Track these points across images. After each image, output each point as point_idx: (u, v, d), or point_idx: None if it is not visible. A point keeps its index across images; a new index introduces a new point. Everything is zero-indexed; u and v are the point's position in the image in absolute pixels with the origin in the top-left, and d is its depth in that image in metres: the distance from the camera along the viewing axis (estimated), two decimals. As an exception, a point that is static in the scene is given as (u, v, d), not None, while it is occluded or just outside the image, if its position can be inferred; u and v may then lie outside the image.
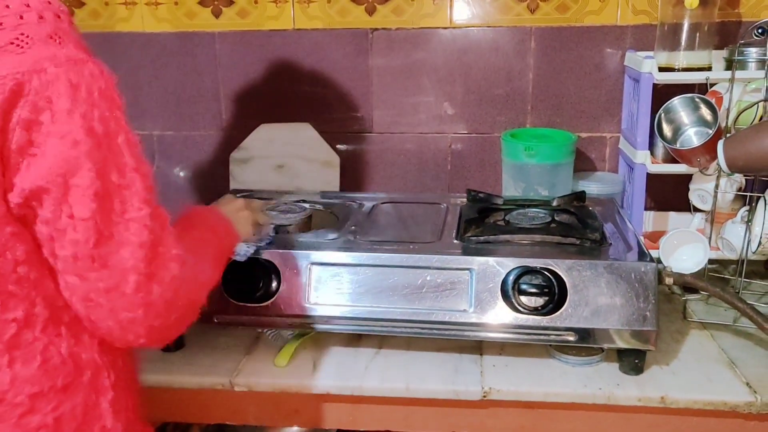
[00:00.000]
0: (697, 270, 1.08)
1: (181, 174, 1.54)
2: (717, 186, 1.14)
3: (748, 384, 0.92)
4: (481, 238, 1.02)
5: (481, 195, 1.22)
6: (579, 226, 1.08)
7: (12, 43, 0.56)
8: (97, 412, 0.67)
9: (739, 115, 1.11)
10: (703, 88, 1.19)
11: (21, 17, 0.57)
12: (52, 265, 0.61)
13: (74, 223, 0.58)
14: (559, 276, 0.92)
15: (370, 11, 1.41)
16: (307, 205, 1.20)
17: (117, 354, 0.71)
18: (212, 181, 1.51)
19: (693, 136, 1.15)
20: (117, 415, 0.69)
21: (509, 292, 0.93)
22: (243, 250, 0.94)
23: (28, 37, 0.56)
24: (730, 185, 1.16)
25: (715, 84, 1.19)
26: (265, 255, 0.98)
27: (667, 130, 1.16)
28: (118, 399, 0.70)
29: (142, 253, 0.60)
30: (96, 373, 0.67)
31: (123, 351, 0.72)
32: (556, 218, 1.11)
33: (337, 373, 0.97)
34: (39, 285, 0.62)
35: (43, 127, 0.56)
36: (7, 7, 0.57)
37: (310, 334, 1.05)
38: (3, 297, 0.60)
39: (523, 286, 0.92)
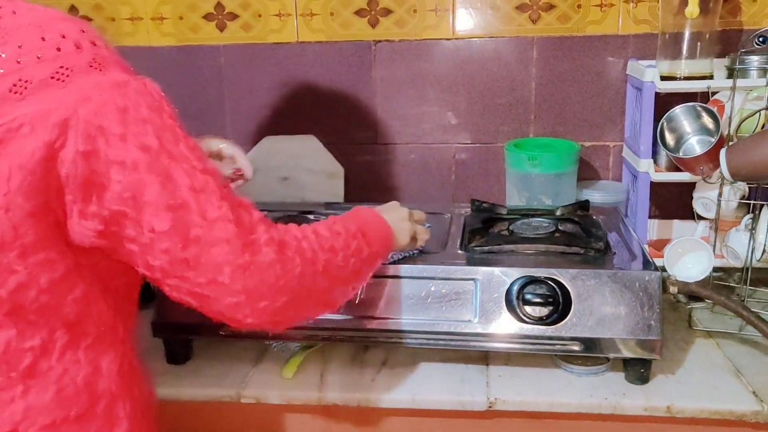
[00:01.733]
0: (701, 278, 1.08)
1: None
2: (720, 194, 1.14)
3: (754, 393, 0.92)
4: (486, 248, 1.02)
5: (485, 205, 1.22)
6: (583, 235, 1.08)
7: (53, 78, 0.55)
8: None
9: (741, 124, 1.11)
10: (705, 97, 1.19)
11: (59, 49, 0.56)
12: (149, 276, 0.63)
13: (158, 236, 0.59)
14: (564, 285, 0.92)
15: (373, 23, 1.42)
16: (311, 217, 1.21)
17: (134, 383, 0.70)
18: (217, 193, 1.52)
19: (695, 145, 1.15)
20: None
21: (514, 302, 0.93)
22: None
23: (68, 69, 0.56)
24: (734, 193, 1.16)
25: (716, 92, 1.19)
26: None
27: (669, 138, 1.16)
28: (132, 430, 0.68)
29: (231, 246, 0.62)
30: (111, 403, 0.66)
31: (140, 380, 0.71)
32: (560, 227, 1.11)
33: (344, 384, 0.97)
34: (60, 311, 0.61)
35: (101, 154, 0.56)
36: (43, 39, 0.56)
37: (316, 346, 1.05)
38: (22, 327, 0.59)
39: (528, 296, 0.92)
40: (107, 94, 0.56)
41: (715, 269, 1.14)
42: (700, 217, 1.24)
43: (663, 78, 1.20)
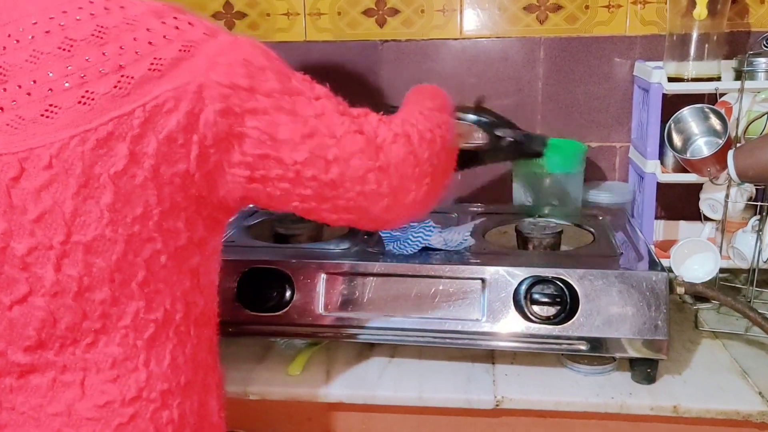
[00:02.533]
0: (708, 279, 1.08)
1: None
2: (727, 195, 1.14)
3: (760, 393, 0.92)
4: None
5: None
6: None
7: (181, 51, 0.59)
8: (207, 409, 0.70)
9: (748, 125, 1.11)
10: (712, 98, 1.20)
11: (177, 27, 0.60)
12: (306, 208, 0.68)
13: (302, 166, 0.64)
14: (571, 285, 0.92)
15: (381, 23, 1.43)
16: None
17: (217, 356, 0.75)
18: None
19: (703, 146, 1.15)
20: (220, 412, 0.73)
21: (521, 301, 0.93)
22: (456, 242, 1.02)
23: (192, 41, 0.60)
24: (741, 195, 1.16)
25: (724, 94, 1.19)
26: (279, 264, 0.99)
27: (677, 139, 1.16)
28: (219, 397, 0.73)
29: (367, 154, 0.67)
30: (206, 373, 0.70)
31: (219, 354, 0.76)
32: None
33: (350, 381, 0.98)
34: (179, 280, 0.64)
35: (236, 109, 0.60)
36: (163, 23, 0.60)
37: (322, 343, 1.05)
38: (150, 297, 0.62)
39: (535, 296, 0.93)
40: (229, 55, 0.61)
41: (722, 270, 1.14)
42: (707, 218, 1.24)
43: (670, 79, 1.20)
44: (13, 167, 0.55)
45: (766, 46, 1.22)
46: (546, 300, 0.92)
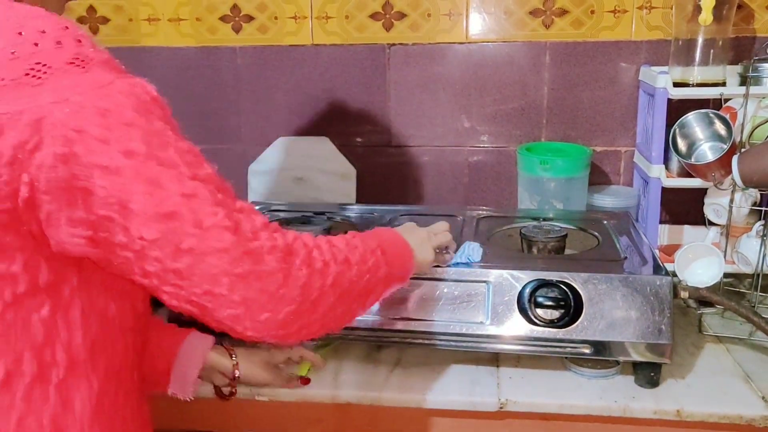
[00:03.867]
0: (712, 284, 1.09)
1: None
2: (732, 200, 1.15)
3: (763, 398, 0.93)
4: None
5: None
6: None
7: (27, 74, 0.51)
8: None
9: (753, 130, 1.12)
10: (717, 104, 1.20)
11: (36, 44, 0.51)
12: (147, 283, 0.58)
13: (148, 244, 0.54)
14: (575, 289, 0.93)
15: (388, 27, 1.44)
16: (325, 217, 1.23)
17: (115, 426, 0.64)
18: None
19: (707, 151, 1.16)
20: None
21: (525, 304, 0.94)
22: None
23: (45, 66, 0.51)
24: (745, 200, 1.17)
25: (729, 99, 1.20)
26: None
27: (681, 144, 1.17)
28: None
29: (229, 256, 0.56)
30: None
31: (125, 422, 0.65)
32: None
33: (357, 383, 0.99)
34: (25, 332, 0.56)
35: (82, 158, 0.52)
36: (20, 34, 0.51)
37: (330, 345, 1.06)
38: None
39: (540, 299, 0.94)
40: (87, 95, 0.52)
41: (726, 275, 1.14)
42: (711, 223, 1.24)
43: (675, 84, 1.21)
44: None
45: (771, 52, 1.23)
46: (550, 303, 0.93)
